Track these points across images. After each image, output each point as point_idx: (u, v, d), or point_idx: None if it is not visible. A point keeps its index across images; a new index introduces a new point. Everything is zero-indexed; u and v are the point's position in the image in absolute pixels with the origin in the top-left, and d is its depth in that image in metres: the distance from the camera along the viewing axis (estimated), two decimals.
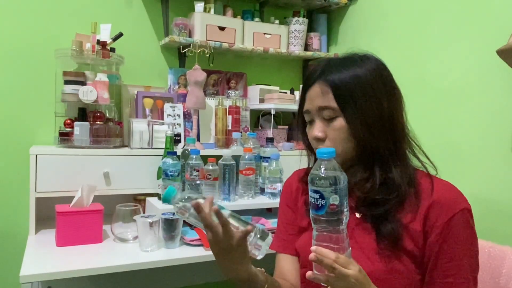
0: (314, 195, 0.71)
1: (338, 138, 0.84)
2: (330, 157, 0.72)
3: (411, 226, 0.81)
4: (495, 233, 1.33)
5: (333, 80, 0.83)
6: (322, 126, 0.86)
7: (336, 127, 0.84)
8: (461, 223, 0.79)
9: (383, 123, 0.83)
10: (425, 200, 0.82)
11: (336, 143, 0.84)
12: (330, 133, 0.84)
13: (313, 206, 0.71)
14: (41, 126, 1.75)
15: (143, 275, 1.71)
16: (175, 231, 1.38)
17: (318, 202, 0.70)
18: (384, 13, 1.89)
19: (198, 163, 1.56)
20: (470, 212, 0.81)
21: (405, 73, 1.74)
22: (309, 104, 0.87)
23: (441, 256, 0.79)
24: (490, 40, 1.40)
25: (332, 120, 0.84)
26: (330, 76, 0.83)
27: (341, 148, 0.84)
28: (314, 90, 0.86)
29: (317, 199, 0.70)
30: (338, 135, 0.83)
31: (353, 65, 0.84)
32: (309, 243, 0.91)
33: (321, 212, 0.70)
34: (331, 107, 0.83)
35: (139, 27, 1.93)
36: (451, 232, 0.79)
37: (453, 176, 0.95)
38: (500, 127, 1.38)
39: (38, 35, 1.74)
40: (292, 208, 1.01)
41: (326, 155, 0.72)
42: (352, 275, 0.68)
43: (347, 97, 0.82)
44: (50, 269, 1.18)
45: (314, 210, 0.71)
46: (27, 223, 1.52)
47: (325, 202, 0.70)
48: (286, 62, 2.29)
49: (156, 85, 1.95)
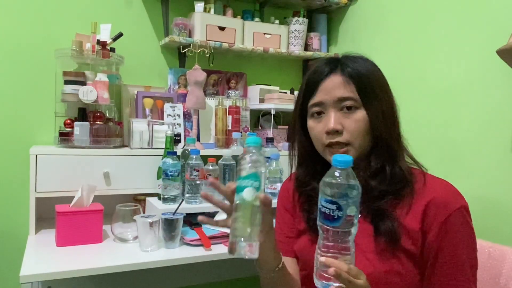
0: (329, 206, 0.67)
1: (357, 130, 0.83)
2: (348, 166, 0.68)
3: (409, 225, 0.81)
4: (495, 233, 1.33)
5: (355, 72, 0.84)
6: (339, 118, 0.84)
7: (357, 119, 0.83)
8: (459, 221, 0.79)
9: (394, 116, 0.86)
10: (421, 199, 0.82)
11: (354, 136, 0.83)
12: (350, 125, 0.83)
13: (326, 217, 0.68)
14: (41, 126, 1.75)
15: (143, 275, 1.71)
16: (175, 231, 1.38)
17: (334, 214, 0.67)
18: (384, 13, 1.89)
19: (198, 163, 1.56)
20: (467, 209, 0.82)
21: (405, 73, 1.74)
22: (323, 95, 0.85)
23: (441, 256, 0.79)
24: (490, 40, 1.40)
25: (352, 111, 0.83)
26: (350, 68, 0.84)
27: (359, 140, 0.84)
28: (332, 80, 0.85)
29: (333, 210, 0.67)
30: (359, 127, 0.83)
31: (362, 61, 0.87)
32: (308, 246, 0.91)
33: (337, 224, 0.67)
34: (354, 98, 0.83)
35: (139, 27, 1.93)
36: (449, 231, 0.79)
37: (453, 176, 0.95)
38: (500, 127, 1.38)
39: (38, 35, 1.74)
40: (291, 212, 1.01)
41: (344, 164, 0.68)
42: (363, 285, 0.67)
43: (369, 89, 0.83)
44: (50, 269, 1.18)
45: (328, 221, 0.68)
46: (27, 223, 1.52)
47: (342, 213, 0.66)
48: (286, 62, 2.29)
49: (156, 85, 1.95)
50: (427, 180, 0.85)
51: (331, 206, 0.67)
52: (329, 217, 0.67)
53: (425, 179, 0.85)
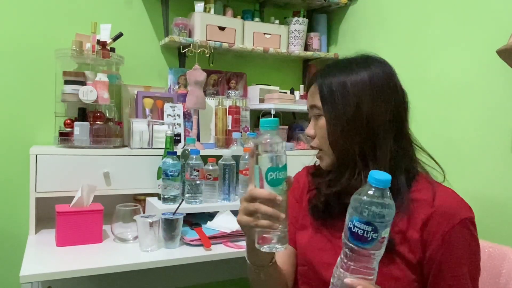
0: (364, 228, 0.63)
1: (323, 137, 0.88)
2: (387, 186, 0.64)
3: (408, 233, 0.80)
4: (495, 233, 1.33)
5: (320, 82, 0.88)
6: (313, 125, 0.91)
7: (320, 126, 0.88)
8: (462, 233, 0.78)
9: (360, 125, 0.83)
10: (425, 208, 0.81)
11: (321, 142, 0.88)
12: (317, 131, 0.90)
13: (359, 238, 0.64)
14: (41, 126, 1.75)
15: (143, 275, 1.71)
16: (175, 231, 1.38)
17: (369, 235, 0.63)
18: (384, 13, 1.89)
19: (198, 163, 1.56)
20: (472, 220, 0.80)
21: (405, 73, 1.72)
22: (307, 101, 0.93)
23: (443, 268, 0.78)
24: (490, 40, 1.40)
25: (319, 119, 0.89)
26: (321, 79, 0.89)
27: (327, 146, 0.87)
28: (310, 89, 0.92)
29: (368, 232, 0.63)
30: (322, 133, 0.88)
31: (345, 70, 0.87)
32: (309, 243, 0.92)
33: (368, 246, 0.64)
34: (317, 106, 0.88)
35: (139, 27, 1.93)
36: (452, 243, 0.78)
37: (453, 176, 0.95)
38: (500, 127, 1.38)
39: (38, 35, 1.74)
40: (299, 203, 1.01)
41: (383, 184, 0.64)
42: None
43: (328, 99, 0.86)
44: (50, 269, 1.18)
45: (360, 242, 0.64)
46: (27, 223, 1.52)
47: (377, 235, 0.63)
48: (286, 62, 2.29)
49: (156, 85, 1.95)
50: (433, 189, 0.83)
51: (366, 228, 0.63)
52: (362, 239, 0.64)
53: (433, 189, 0.83)
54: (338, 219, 0.85)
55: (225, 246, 1.43)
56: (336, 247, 0.87)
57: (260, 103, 2.02)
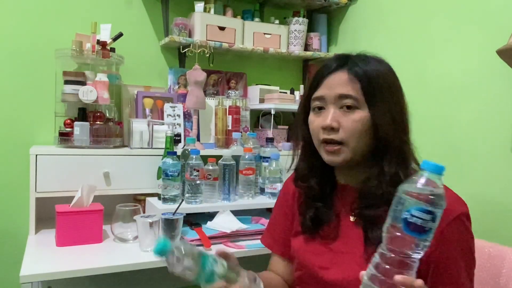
0: (424, 216, 0.59)
1: (354, 131, 0.81)
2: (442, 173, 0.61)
3: None
4: (495, 233, 1.33)
5: (362, 72, 0.82)
6: (338, 116, 0.82)
7: (355, 119, 0.81)
8: (458, 229, 0.78)
9: (404, 121, 0.84)
10: None
11: (349, 135, 0.81)
12: (347, 124, 0.81)
13: (416, 228, 0.59)
14: (41, 126, 1.75)
15: (143, 275, 1.70)
16: (175, 231, 1.38)
17: (427, 225, 0.59)
18: (384, 13, 1.89)
19: (198, 163, 1.56)
20: (467, 214, 0.80)
21: (405, 72, 1.72)
22: (326, 90, 0.84)
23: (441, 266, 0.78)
24: (490, 40, 1.40)
25: (351, 111, 0.82)
26: (358, 67, 0.83)
27: (355, 141, 0.82)
28: (337, 77, 0.84)
29: (427, 221, 0.59)
30: (356, 127, 0.81)
31: (376, 62, 0.85)
32: (303, 247, 0.91)
33: (425, 236, 0.60)
34: (355, 97, 0.81)
35: (139, 27, 1.93)
36: (448, 240, 0.77)
37: (453, 176, 0.95)
38: (500, 127, 1.38)
39: (38, 35, 1.74)
40: (292, 212, 1.00)
41: (439, 170, 0.60)
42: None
43: (376, 90, 0.81)
44: (50, 269, 1.18)
45: (417, 233, 0.60)
46: (27, 223, 1.52)
47: (434, 225, 0.60)
48: (286, 62, 2.29)
49: (156, 85, 1.95)
50: None
51: (426, 217, 0.59)
52: (419, 229, 0.59)
53: None
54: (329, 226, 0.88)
55: (225, 246, 1.43)
56: (331, 250, 0.88)
57: (260, 103, 2.02)
